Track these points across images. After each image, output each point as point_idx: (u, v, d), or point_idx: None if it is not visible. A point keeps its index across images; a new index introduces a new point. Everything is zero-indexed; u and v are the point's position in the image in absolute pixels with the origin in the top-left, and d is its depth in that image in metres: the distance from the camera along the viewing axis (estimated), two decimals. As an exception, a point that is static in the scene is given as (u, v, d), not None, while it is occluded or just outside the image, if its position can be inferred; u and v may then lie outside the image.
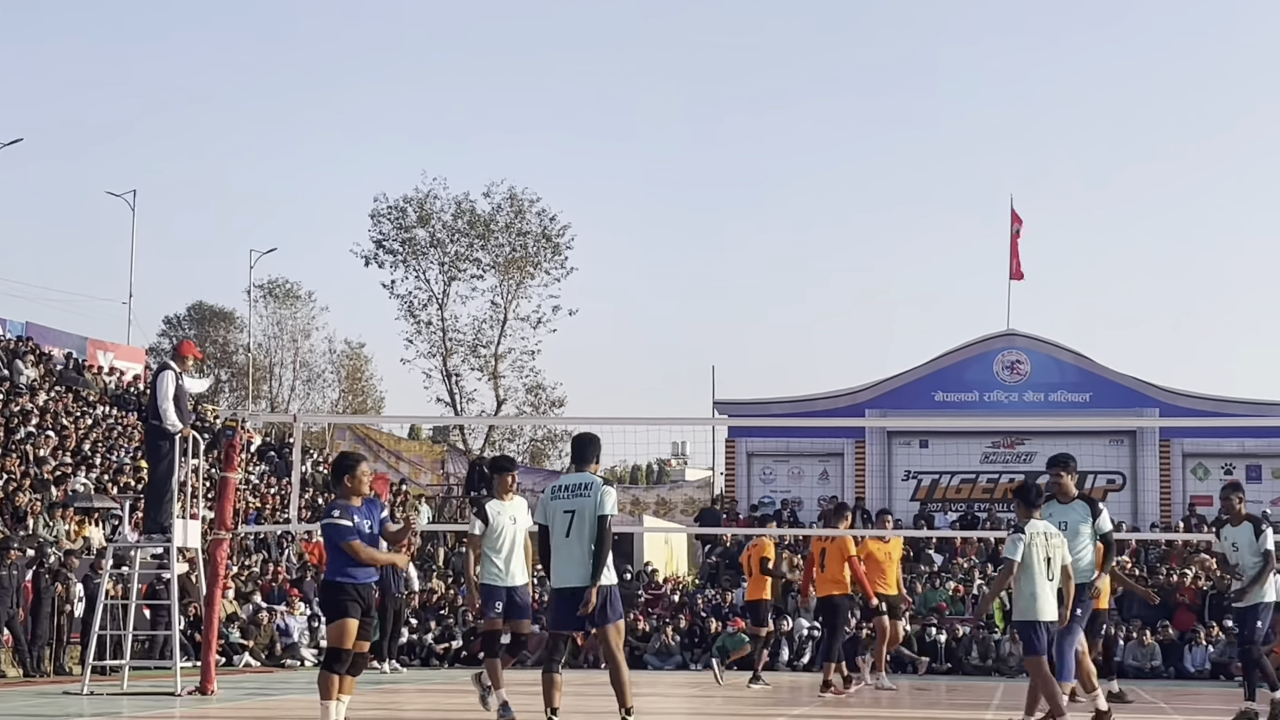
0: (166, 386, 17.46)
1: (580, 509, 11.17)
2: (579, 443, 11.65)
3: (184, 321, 72.81)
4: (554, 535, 11.22)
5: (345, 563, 11.35)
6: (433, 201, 57.06)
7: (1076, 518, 13.42)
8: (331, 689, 11.38)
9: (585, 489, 11.24)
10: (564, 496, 11.26)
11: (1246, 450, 39.59)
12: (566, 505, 11.24)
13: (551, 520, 11.26)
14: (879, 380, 41.66)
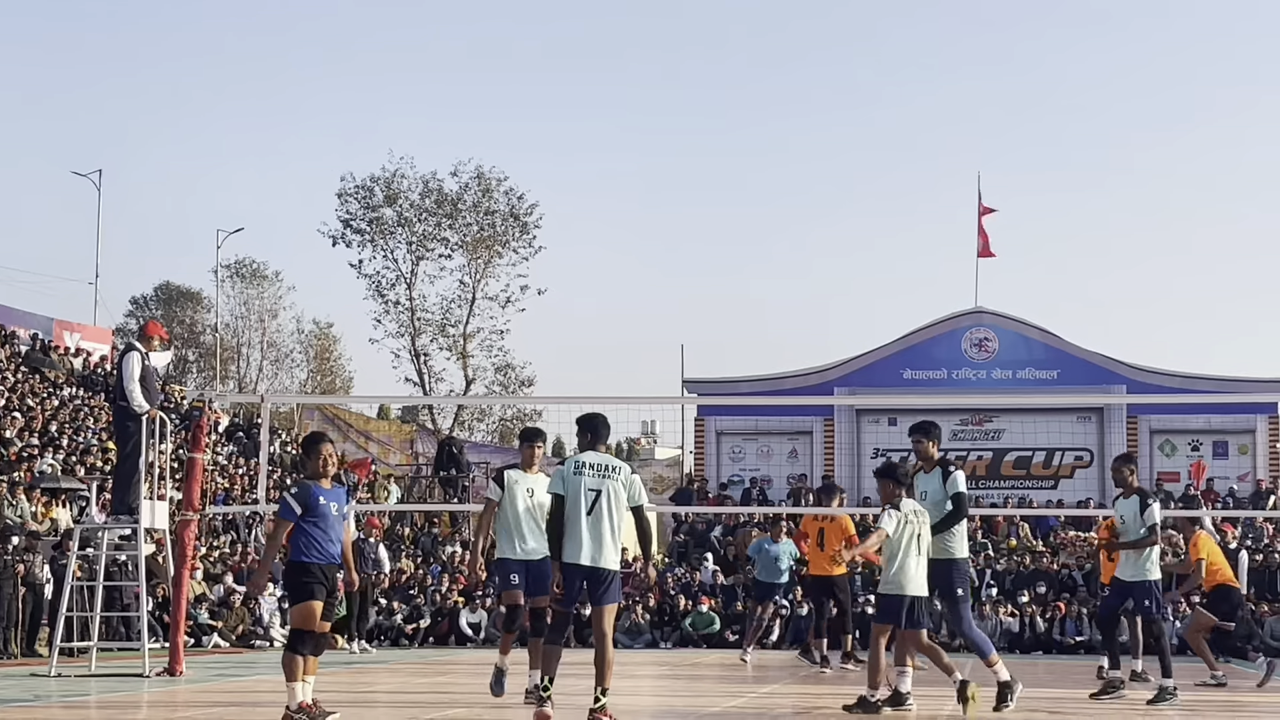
0: (132, 368, 17.40)
1: (608, 490, 11.08)
2: (594, 422, 11.48)
3: (151, 302, 72.49)
4: (573, 510, 11.08)
5: (306, 542, 11.31)
6: (400, 180, 56.85)
7: (935, 485, 13.40)
8: (297, 670, 11.36)
9: (613, 471, 11.17)
10: (589, 474, 11.12)
11: (1213, 427, 39.77)
12: (592, 483, 11.11)
13: (573, 495, 11.11)
14: (848, 358, 41.71)
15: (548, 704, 10.95)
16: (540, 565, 12.93)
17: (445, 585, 30.94)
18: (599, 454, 11.32)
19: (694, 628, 28.94)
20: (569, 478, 11.14)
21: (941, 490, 13.19)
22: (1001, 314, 41.47)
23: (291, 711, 11.32)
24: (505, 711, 13.41)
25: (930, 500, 13.19)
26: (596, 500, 11.06)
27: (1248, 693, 16.89)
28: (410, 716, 12.67)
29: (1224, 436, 39.93)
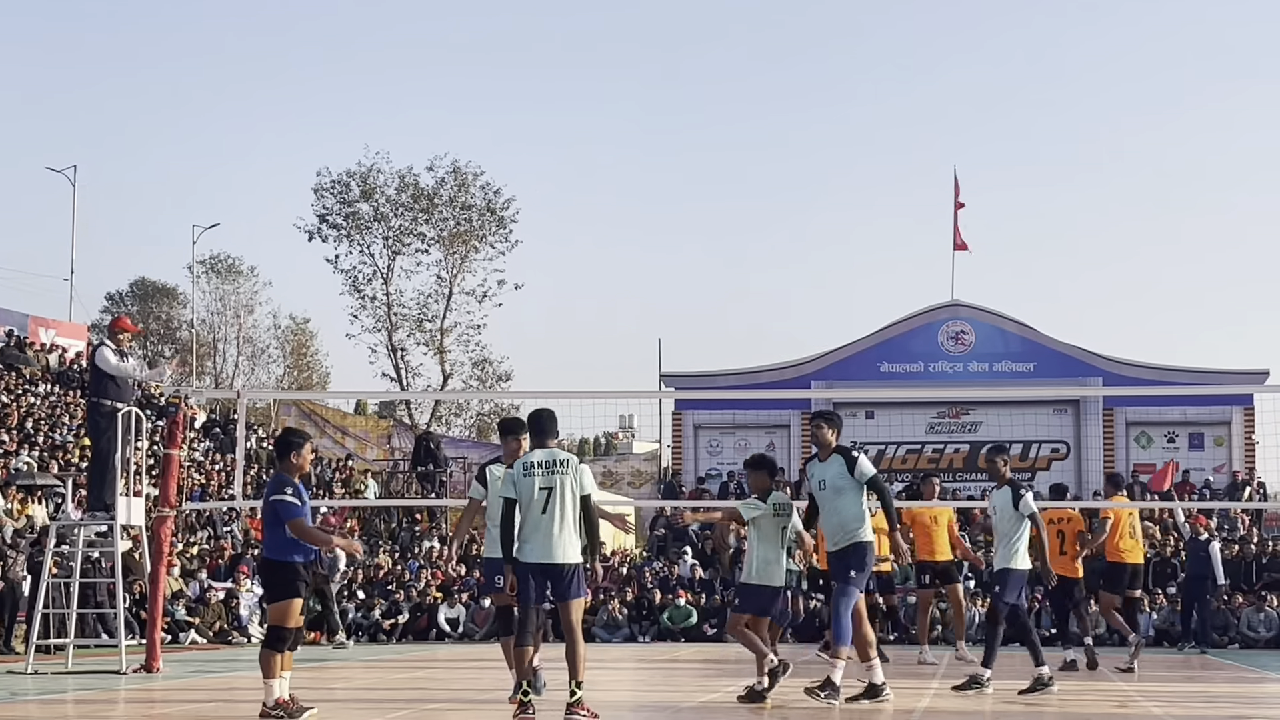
0: (107, 360, 17.38)
1: (558, 486, 11.02)
2: (541, 418, 11.36)
3: (126, 298, 72.25)
4: (528, 511, 11.01)
5: (290, 541, 11.29)
6: (376, 175, 56.82)
7: (835, 472, 13.20)
8: (275, 667, 11.35)
9: (562, 465, 11.10)
10: (539, 473, 11.05)
11: (1189, 419, 39.92)
12: (543, 482, 11.02)
13: (525, 497, 11.04)
14: (825, 352, 41.77)
15: (529, 709, 10.85)
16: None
17: (423, 581, 30.92)
18: (547, 450, 11.23)
19: (672, 621, 28.96)
20: (520, 480, 11.06)
21: (847, 477, 13.09)
22: (978, 307, 41.55)
23: (269, 708, 11.31)
24: (483, 706, 13.41)
25: (831, 486, 13.12)
26: (549, 498, 11.00)
27: (1169, 681, 16.97)
28: (389, 711, 12.66)
29: (1200, 428, 40.08)
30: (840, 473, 13.11)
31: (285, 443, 11.79)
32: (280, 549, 11.37)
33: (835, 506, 13.05)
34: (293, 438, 11.83)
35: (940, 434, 40.87)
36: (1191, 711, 12.34)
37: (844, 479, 13.08)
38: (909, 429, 40.46)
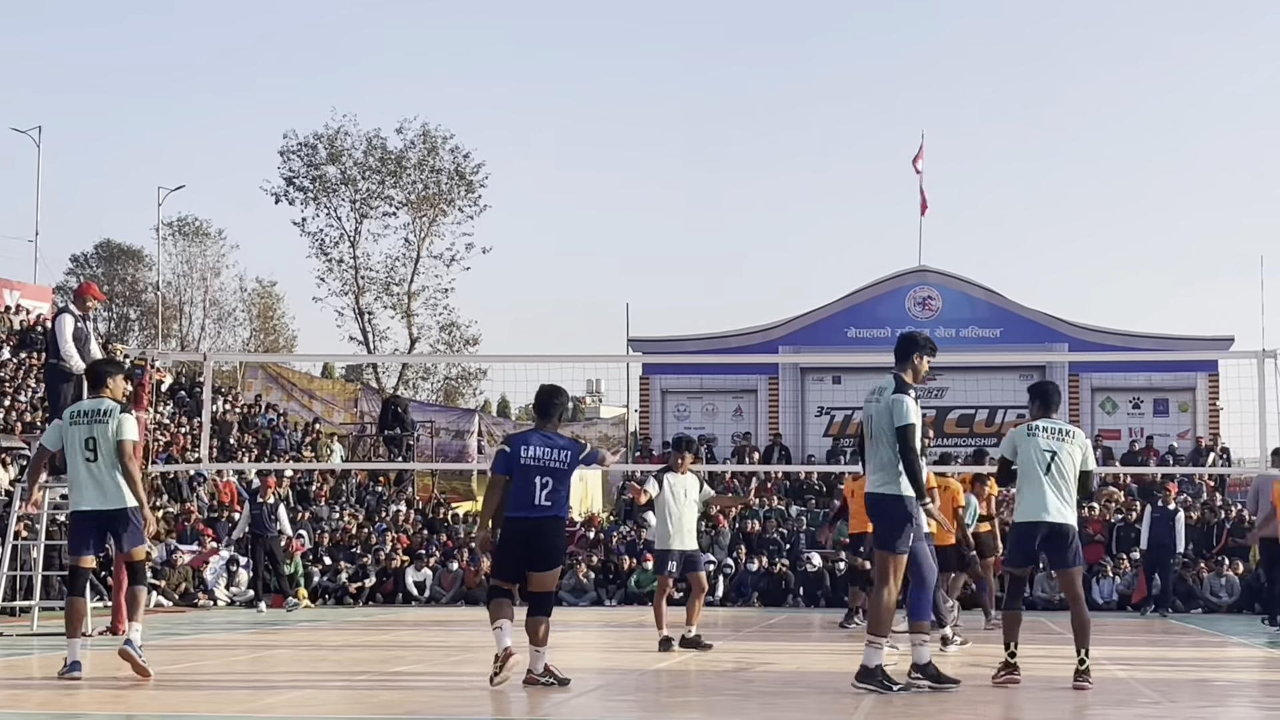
0: (64, 329, 17.33)
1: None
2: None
3: (92, 260, 71.77)
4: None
5: None
6: (343, 138, 56.61)
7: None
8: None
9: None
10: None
11: (1154, 385, 40.08)
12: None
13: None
14: (792, 317, 41.77)
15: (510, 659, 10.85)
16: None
17: (390, 544, 30.91)
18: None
19: (639, 585, 29.02)
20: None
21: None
22: (945, 273, 41.60)
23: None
24: (456, 666, 13.44)
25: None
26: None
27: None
28: (358, 673, 12.66)
29: (1164, 394, 40.24)
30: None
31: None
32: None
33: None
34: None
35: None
36: (1155, 675, 12.44)
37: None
38: (876, 394, 40.50)
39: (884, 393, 11.06)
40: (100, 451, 11.84)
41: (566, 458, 11.07)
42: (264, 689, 11.35)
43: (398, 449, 39.06)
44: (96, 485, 11.87)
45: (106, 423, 11.86)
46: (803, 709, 10.28)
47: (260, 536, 25.60)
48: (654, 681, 12.22)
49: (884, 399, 11.05)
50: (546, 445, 11.06)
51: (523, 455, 11.00)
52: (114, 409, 11.93)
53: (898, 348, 11.47)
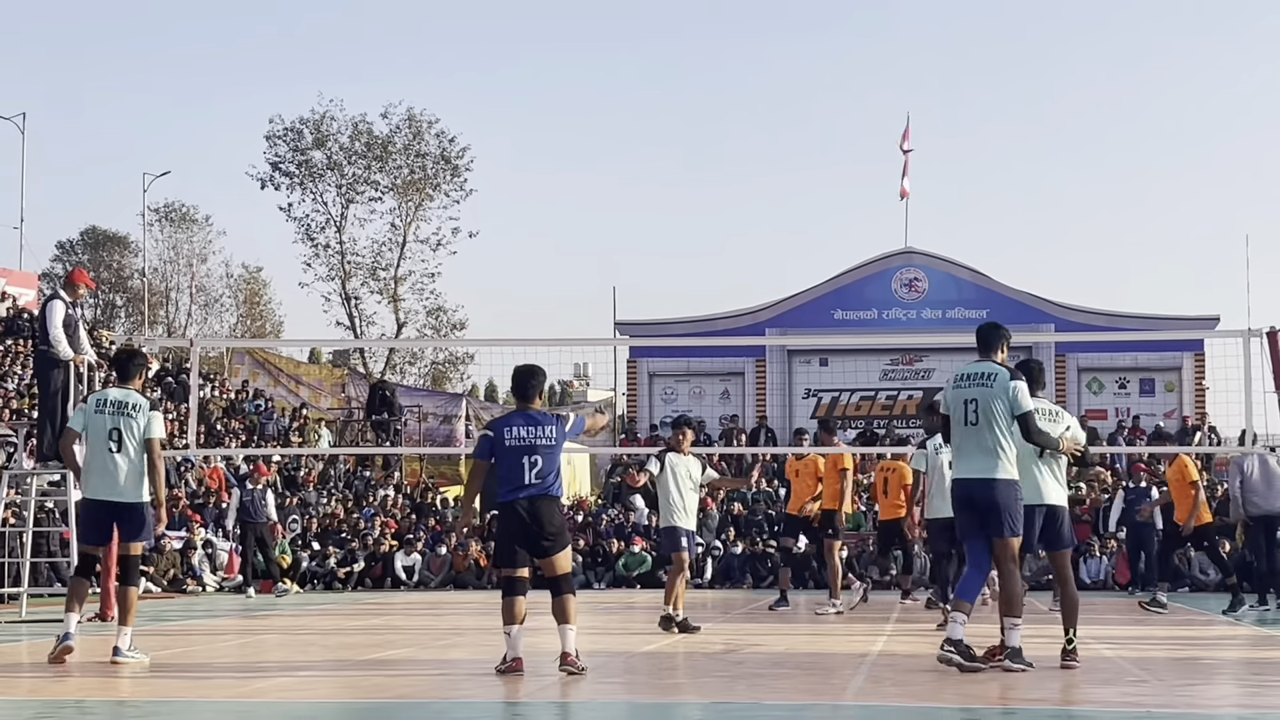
0: (55, 315, 17.29)
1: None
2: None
3: (77, 246, 71.59)
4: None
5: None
6: (329, 123, 56.54)
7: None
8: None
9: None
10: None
11: (1140, 364, 40.16)
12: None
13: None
14: (779, 299, 41.80)
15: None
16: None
17: (378, 529, 30.92)
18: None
19: (627, 568, 29.07)
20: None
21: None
22: (931, 254, 41.64)
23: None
24: (444, 651, 13.46)
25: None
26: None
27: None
28: (347, 658, 12.68)
29: (1151, 374, 40.33)
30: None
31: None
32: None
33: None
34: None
35: (894, 380, 41.00)
36: (1142, 654, 12.49)
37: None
38: (863, 376, 40.57)
39: (993, 379, 10.94)
40: (125, 444, 12.00)
41: (552, 433, 10.97)
42: (253, 674, 11.36)
43: (385, 434, 39.04)
44: (113, 476, 12.02)
45: (134, 417, 12.05)
46: (792, 689, 10.31)
47: (250, 523, 25.62)
48: (643, 663, 12.25)
49: (995, 385, 10.90)
50: (529, 424, 10.97)
51: (507, 437, 10.93)
52: (143, 405, 12.16)
53: (988, 336, 11.36)
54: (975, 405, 10.87)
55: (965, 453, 10.97)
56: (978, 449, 10.86)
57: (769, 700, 9.57)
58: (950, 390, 11.17)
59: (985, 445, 10.83)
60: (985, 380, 10.94)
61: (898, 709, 9.00)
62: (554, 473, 11.01)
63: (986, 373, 11.00)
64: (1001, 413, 10.82)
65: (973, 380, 11.01)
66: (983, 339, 11.34)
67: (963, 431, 10.96)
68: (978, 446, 10.86)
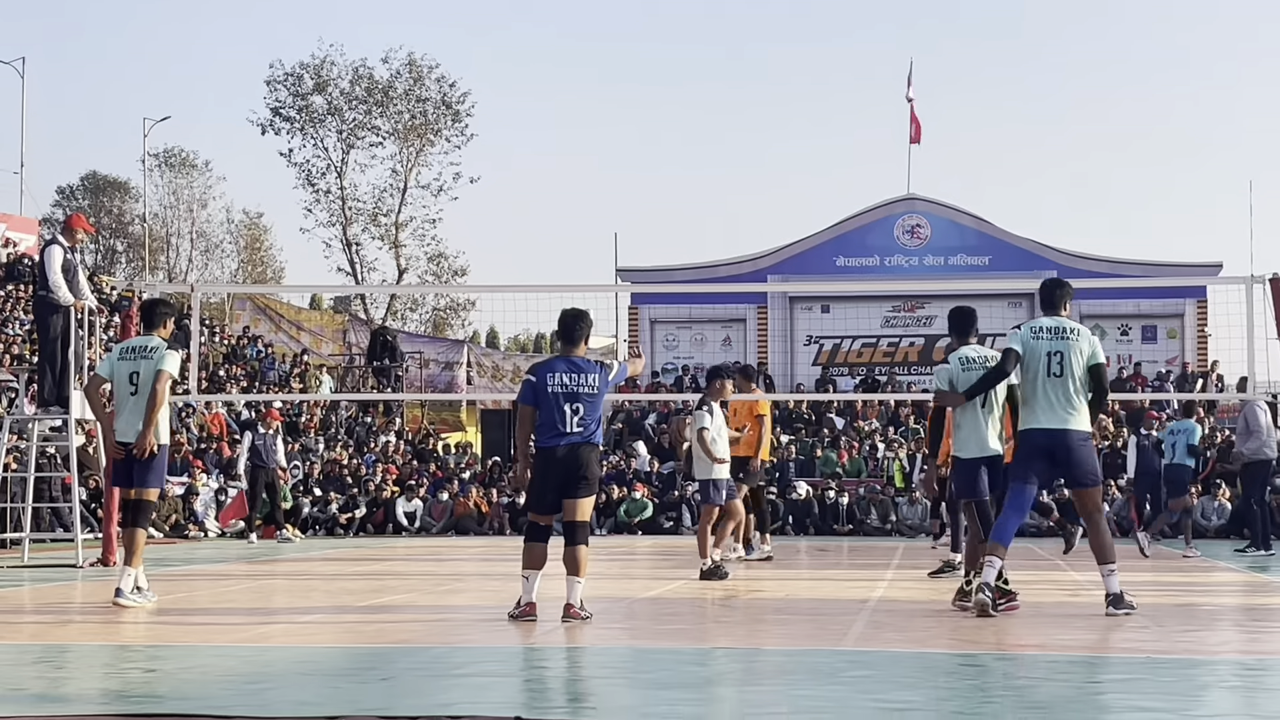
0: (54, 261, 17.25)
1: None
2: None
3: (78, 191, 71.53)
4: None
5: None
6: (330, 68, 56.31)
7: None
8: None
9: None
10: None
11: (1142, 311, 40.14)
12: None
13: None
14: (781, 246, 41.74)
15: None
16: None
17: (379, 475, 30.97)
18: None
19: (628, 515, 29.11)
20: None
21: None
22: (934, 201, 41.56)
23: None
24: (445, 597, 13.48)
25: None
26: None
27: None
28: (348, 604, 12.70)
29: (1153, 321, 40.32)
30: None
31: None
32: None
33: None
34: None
35: (896, 327, 40.99)
36: (1141, 599, 12.47)
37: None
38: (865, 322, 40.57)
39: (1077, 333, 11.18)
40: (140, 386, 12.24)
41: (594, 381, 10.77)
42: (255, 620, 11.39)
43: (386, 380, 39.07)
44: (132, 419, 12.24)
45: (151, 358, 12.28)
46: (792, 634, 10.33)
47: (261, 467, 25.59)
48: (645, 609, 12.27)
49: (1076, 338, 11.14)
50: (573, 371, 10.77)
51: (550, 383, 10.72)
52: (160, 346, 12.35)
53: (1052, 293, 11.50)
54: (1061, 358, 11.08)
55: (1046, 403, 11.11)
56: (1061, 400, 11.08)
57: (769, 645, 9.59)
58: (1027, 340, 11.25)
59: (1069, 397, 11.07)
60: (1069, 334, 11.17)
61: (897, 654, 9.02)
62: (596, 420, 10.86)
63: (1069, 327, 11.23)
64: (1081, 365, 11.11)
65: (1056, 334, 11.20)
66: (1046, 296, 11.52)
67: (1045, 382, 11.11)
68: (1061, 397, 11.08)
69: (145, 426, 12.15)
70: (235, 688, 7.48)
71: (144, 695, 7.16)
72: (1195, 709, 6.90)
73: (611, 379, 10.94)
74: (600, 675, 8.35)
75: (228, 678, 7.92)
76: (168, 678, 7.91)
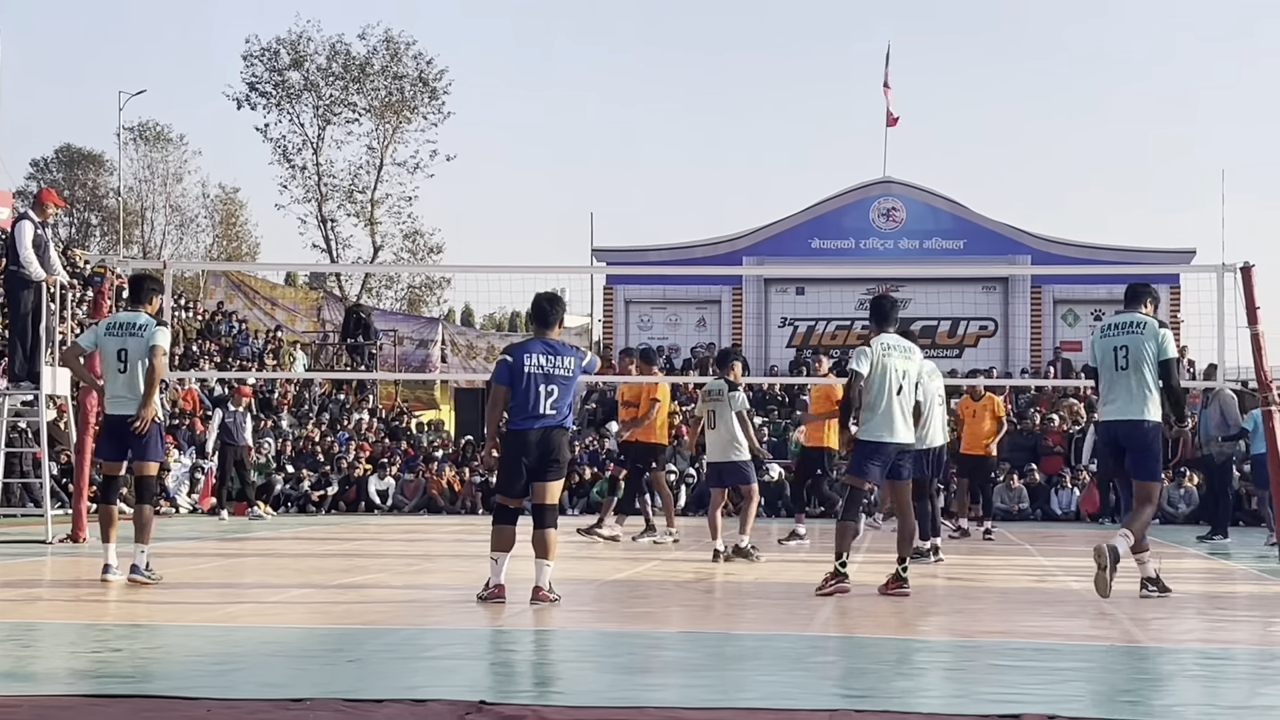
0: (24, 235, 17.19)
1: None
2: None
3: (52, 164, 71.17)
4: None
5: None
6: (306, 44, 56.14)
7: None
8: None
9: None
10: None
11: (1114, 296, 39.96)
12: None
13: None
14: (756, 228, 41.76)
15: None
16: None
17: (352, 453, 30.94)
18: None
19: (601, 495, 29.11)
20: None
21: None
22: (909, 184, 41.60)
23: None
24: (416, 577, 13.50)
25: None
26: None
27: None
28: (318, 583, 12.71)
29: (1126, 306, 40.42)
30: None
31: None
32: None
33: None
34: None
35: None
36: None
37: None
38: (839, 305, 40.62)
39: (1143, 327, 11.59)
40: (129, 364, 12.26)
41: (570, 365, 10.84)
42: (225, 599, 11.39)
43: (360, 357, 39.00)
44: (122, 396, 12.28)
45: (140, 335, 12.29)
46: (761, 619, 10.37)
47: (230, 445, 25.57)
48: (613, 591, 12.30)
49: (1145, 332, 11.56)
50: (550, 353, 10.80)
51: (526, 364, 10.75)
52: (149, 323, 12.39)
53: (1136, 292, 11.99)
54: (1126, 351, 11.55)
55: (1114, 396, 11.59)
56: (1127, 392, 11.52)
57: (737, 630, 9.63)
58: (1098, 340, 11.82)
59: (1135, 389, 11.50)
60: (1135, 328, 11.60)
61: (863, 640, 9.06)
62: (568, 404, 10.92)
63: (1136, 321, 11.66)
64: (1150, 358, 11.52)
65: (1122, 329, 11.68)
66: (1131, 294, 12.00)
67: (1113, 376, 11.59)
68: (1127, 390, 11.52)
69: (146, 401, 12.22)
70: (202, 669, 7.48)
71: (110, 675, 7.16)
72: (1157, 697, 6.95)
73: (584, 365, 10.99)
74: (567, 659, 8.38)
75: (194, 658, 7.93)
76: (134, 658, 7.92)
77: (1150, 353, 11.48)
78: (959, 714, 6.22)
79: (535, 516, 10.94)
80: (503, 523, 10.94)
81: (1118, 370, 11.54)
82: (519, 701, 6.43)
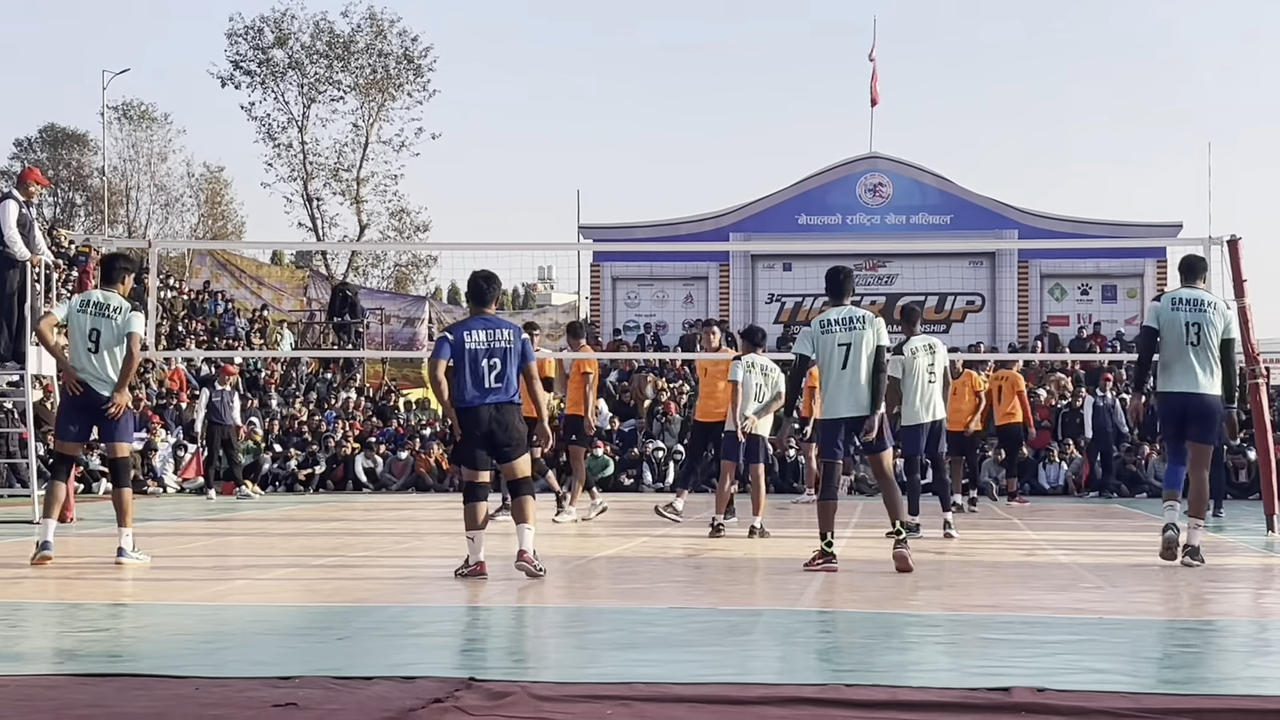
0: (8, 215, 17.11)
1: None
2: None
3: (36, 144, 70.87)
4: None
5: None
6: (290, 21, 55.94)
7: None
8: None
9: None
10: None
11: (1102, 271, 40.29)
12: (842, 338, 11.75)
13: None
14: (743, 204, 41.71)
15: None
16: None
17: (340, 432, 30.90)
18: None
19: (589, 472, 29.09)
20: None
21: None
22: (896, 159, 41.55)
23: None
24: (403, 555, 13.48)
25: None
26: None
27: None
28: (306, 562, 12.69)
29: (1113, 281, 40.48)
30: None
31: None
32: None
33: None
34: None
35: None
36: (1097, 559, 12.59)
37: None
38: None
39: (1211, 306, 12.27)
40: (101, 344, 12.24)
41: (510, 337, 11.05)
42: (213, 578, 11.37)
43: (347, 336, 38.95)
44: (91, 376, 12.25)
45: (113, 318, 12.27)
46: (750, 594, 10.36)
47: (217, 424, 25.56)
48: (601, 567, 12.29)
49: (1213, 311, 12.24)
50: (488, 327, 11.05)
51: (468, 341, 10.95)
52: (123, 306, 12.36)
53: (1194, 265, 12.60)
54: (1199, 328, 12.17)
55: (1183, 368, 12.18)
56: (1197, 367, 12.16)
57: (726, 606, 9.62)
58: (1166, 311, 12.29)
59: (1207, 363, 12.16)
60: (1206, 307, 12.24)
61: (853, 614, 9.06)
62: (513, 377, 11.06)
63: (1207, 300, 12.30)
64: (1218, 334, 12.22)
65: (1194, 306, 12.26)
66: (1188, 268, 12.58)
67: (1181, 349, 12.17)
68: (1198, 365, 12.16)
69: (120, 388, 12.21)
70: (191, 647, 7.46)
71: (98, 655, 7.14)
72: (1147, 669, 6.95)
73: (523, 339, 11.16)
74: (556, 635, 8.37)
75: (183, 637, 7.91)
76: (121, 637, 7.89)
77: (1217, 334, 12.17)
78: (949, 687, 6.22)
79: (510, 489, 11.29)
80: (474, 500, 11.11)
81: (1188, 345, 12.14)
82: (508, 678, 6.41)
